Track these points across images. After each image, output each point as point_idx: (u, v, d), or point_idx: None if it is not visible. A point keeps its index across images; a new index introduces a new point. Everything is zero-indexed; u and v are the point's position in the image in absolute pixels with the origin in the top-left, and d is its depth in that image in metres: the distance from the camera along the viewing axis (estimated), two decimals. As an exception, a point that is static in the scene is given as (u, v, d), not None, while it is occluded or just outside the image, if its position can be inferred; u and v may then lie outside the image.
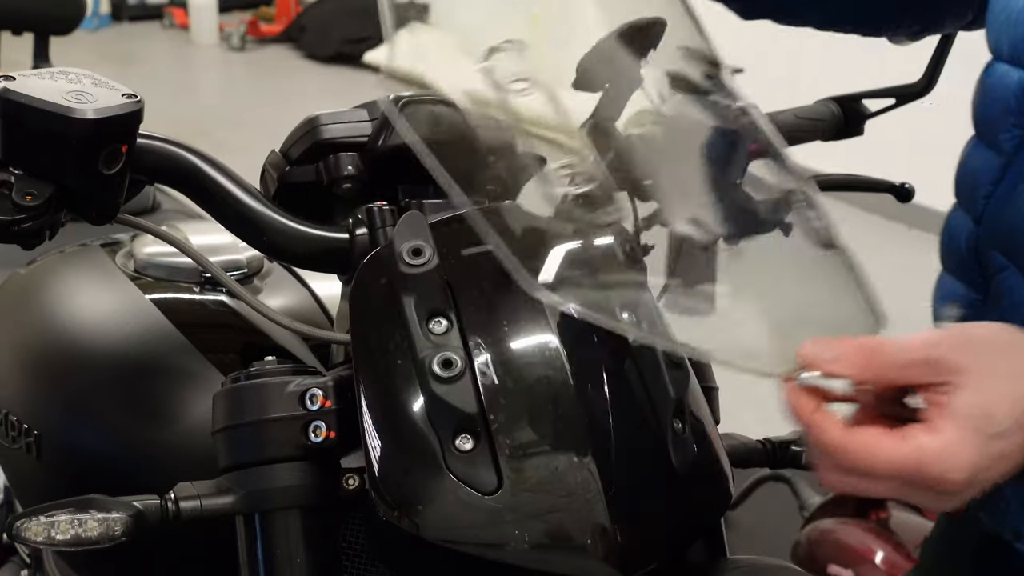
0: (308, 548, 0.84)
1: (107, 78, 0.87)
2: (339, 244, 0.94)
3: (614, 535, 0.75)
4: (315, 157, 0.97)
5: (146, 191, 1.22)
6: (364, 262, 0.89)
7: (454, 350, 0.78)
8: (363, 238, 0.94)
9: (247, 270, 1.24)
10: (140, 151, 0.90)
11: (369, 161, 0.97)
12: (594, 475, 0.76)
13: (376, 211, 0.94)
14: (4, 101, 0.80)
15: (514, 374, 0.79)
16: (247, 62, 7.71)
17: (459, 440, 0.76)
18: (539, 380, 0.79)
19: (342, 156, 0.96)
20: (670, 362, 0.81)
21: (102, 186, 0.86)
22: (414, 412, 0.77)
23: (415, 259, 0.80)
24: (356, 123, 0.97)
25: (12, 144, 0.83)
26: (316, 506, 0.85)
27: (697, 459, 0.82)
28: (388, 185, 0.99)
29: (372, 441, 0.79)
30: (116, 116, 0.83)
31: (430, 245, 0.81)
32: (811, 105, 1.25)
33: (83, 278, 1.28)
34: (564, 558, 0.75)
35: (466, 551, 0.75)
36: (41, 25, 2.20)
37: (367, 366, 0.81)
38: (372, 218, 0.94)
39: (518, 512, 0.74)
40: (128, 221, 0.95)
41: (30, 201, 0.83)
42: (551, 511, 0.75)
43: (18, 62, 1.67)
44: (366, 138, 0.97)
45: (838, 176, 1.26)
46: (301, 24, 7.85)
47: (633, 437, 0.80)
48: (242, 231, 0.95)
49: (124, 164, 0.87)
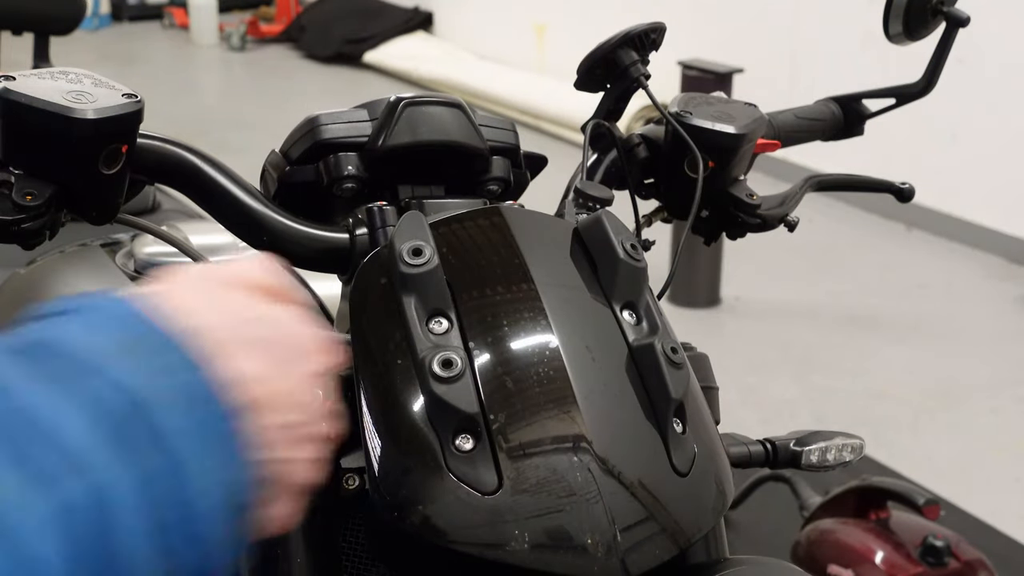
0: (308, 548, 0.84)
1: (107, 78, 0.87)
2: (339, 244, 0.94)
3: (614, 535, 0.75)
4: (315, 157, 0.97)
5: (146, 191, 1.22)
6: (364, 262, 0.89)
7: (454, 350, 0.78)
8: (363, 238, 0.94)
9: (247, 270, 1.24)
10: (140, 151, 0.90)
11: (369, 161, 0.97)
12: (594, 475, 0.76)
13: (376, 211, 0.94)
14: (4, 101, 0.80)
15: (514, 374, 0.79)
16: (247, 62, 7.71)
17: (459, 440, 0.75)
18: (539, 380, 0.79)
19: (342, 156, 0.96)
20: (670, 362, 0.81)
21: (102, 186, 0.86)
22: (414, 412, 0.77)
23: (415, 259, 0.80)
24: (356, 123, 0.97)
25: (12, 144, 0.83)
26: (316, 506, 0.85)
27: (697, 459, 0.82)
28: (388, 185, 0.99)
29: (372, 441, 0.79)
30: (116, 116, 0.83)
31: (430, 245, 0.81)
32: (811, 105, 1.25)
33: (83, 278, 1.28)
34: (564, 558, 0.75)
35: (466, 551, 0.75)
36: (41, 25, 2.20)
37: (367, 366, 0.81)
38: (372, 218, 0.94)
39: (518, 512, 0.74)
40: (128, 221, 0.95)
41: (30, 201, 0.83)
42: (551, 511, 0.75)
43: (18, 62, 1.68)
44: (366, 138, 0.97)
45: (838, 176, 1.26)
46: (301, 24, 7.85)
47: (633, 437, 0.80)
48: (242, 231, 0.95)
49: (124, 164, 0.87)
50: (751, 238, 1.18)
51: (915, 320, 3.77)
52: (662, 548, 0.78)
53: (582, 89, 1.13)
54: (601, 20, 3.14)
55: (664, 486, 0.79)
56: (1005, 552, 2.47)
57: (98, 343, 0.48)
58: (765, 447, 1.01)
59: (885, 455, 2.84)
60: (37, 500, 0.41)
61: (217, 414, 0.50)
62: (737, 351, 3.48)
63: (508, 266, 0.85)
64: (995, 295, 3.98)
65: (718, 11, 5.27)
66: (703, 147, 1.06)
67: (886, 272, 4.16)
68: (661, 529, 0.78)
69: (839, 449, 1.02)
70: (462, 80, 6.49)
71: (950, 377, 3.36)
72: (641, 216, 1.14)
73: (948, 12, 1.14)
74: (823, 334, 3.64)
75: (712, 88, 2.60)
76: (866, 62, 4.24)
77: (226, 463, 0.50)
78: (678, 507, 0.80)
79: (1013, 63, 4.19)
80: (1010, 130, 4.24)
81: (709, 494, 0.83)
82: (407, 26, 7.45)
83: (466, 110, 1.00)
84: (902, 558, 1.82)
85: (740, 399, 3.15)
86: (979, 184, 4.36)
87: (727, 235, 1.16)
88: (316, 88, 6.99)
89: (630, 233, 0.88)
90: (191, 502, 0.47)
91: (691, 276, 3.74)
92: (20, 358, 0.46)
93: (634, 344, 0.83)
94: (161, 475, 0.46)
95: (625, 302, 0.85)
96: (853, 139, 1.27)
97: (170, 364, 0.49)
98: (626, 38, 1.09)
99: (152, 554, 0.45)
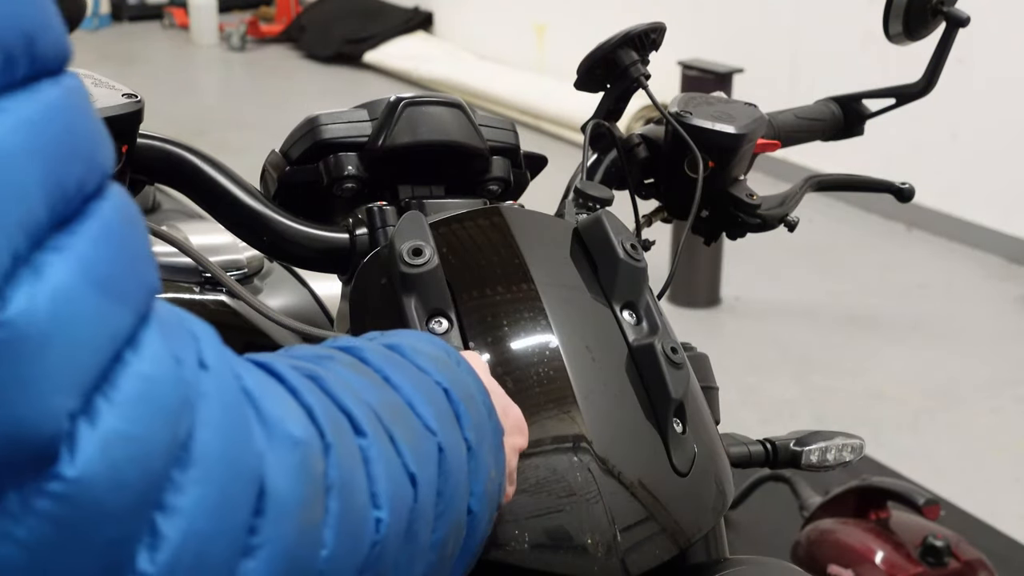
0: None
1: (107, 78, 0.87)
2: (339, 244, 0.94)
3: (614, 535, 0.75)
4: (315, 157, 0.97)
5: (146, 191, 1.22)
6: (364, 262, 0.89)
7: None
8: (363, 238, 0.94)
9: (247, 270, 1.24)
10: (140, 151, 0.90)
11: (369, 161, 0.97)
12: (594, 475, 0.76)
13: (376, 211, 0.94)
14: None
15: (515, 374, 0.79)
16: (247, 62, 7.71)
17: (459, 440, 0.76)
18: (539, 380, 0.79)
19: (342, 156, 0.96)
20: (670, 362, 0.81)
21: (102, 186, 0.86)
22: (414, 412, 0.77)
23: (415, 259, 0.80)
24: (356, 123, 0.97)
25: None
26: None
27: (697, 459, 0.82)
28: (388, 185, 0.99)
29: (372, 441, 0.79)
30: (116, 116, 0.83)
31: (430, 245, 0.81)
32: (811, 105, 1.25)
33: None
34: (564, 558, 0.75)
35: (466, 551, 0.75)
36: (41, 25, 2.20)
37: (367, 366, 0.81)
38: (372, 218, 0.94)
39: (518, 512, 0.74)
40: (128, 221, 0.95)
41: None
42: (551, 511, 0.75)
43: (18, 62, 1.67)
44: (366, 138, 0.97)
45: (838, 176, 1.26)
46: (301, 24, 7.85)
47: (633, 437, 0.80)
48: (242, 231, 0.95)
49: (124, 164, 0.87)
50: (751, 238, 1.19)
51: (915, 320, 3.77)
52: (662, 548, 0.78)
53: (582, 89, 1.13)
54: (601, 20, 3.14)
55: (664, 486, 0.79)
56: (1005, 552, 2.47)
57: (426, 352, 0.66)
58: (765, 447, 1.01)
59: (885, 455, 2.84)
60: (425, 443, 0.60)
61: (494, 425, 0.67)
62: (737, 351, 3.48)
63: (508, 266, 0.85)
64: (995, 295, 3.98)
65: (718, 11, 5.28)
66: (703, 147, 1.06)
67: (886, 272, 4.16)
68: (661, 529, 0.78)
69: (839, 449, 1.02)
70: (462, 80, 6.49)
71: (950, 377, 3.36)
72: (641, 216, 1.14)
73: (948, 12, 1.14)
74: (823, 334, 3.64)
75: (712, 88, 2.60)
76: (866, 62, 4.24)
77: (494, 459, 0.65)
78: (678, 507, 0.80)
79: (1013, 63, 4.19)
80: (1010, 130, 4.23)
81: (709, 494, 0.83)
82: (407, 26, 7.45)
83: (466, 110, 1.00)
84: (902, 558, 1.82)
85: (740, 399, 3.15)
86: (979, 184, 4.36)
87: (727, 235, 1.16)
88: (316, 88, 6.99)
89: (630, 233, 0.89)
90: (468, 479, 0.62)
91: (691, 276, 3.74)
92: (388, 360, 0.63)
93: (634, 344, 0.83)
94: (457, 449, 0.62)
95: (625, 302, 0.85)
96: (853, 139, 1.27)
97: (466, 380, 0.66)
98: (626, 38, 1.09)
99: (433, 509, 0.59)
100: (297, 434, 0.50)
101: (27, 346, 0.39)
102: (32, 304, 0.39)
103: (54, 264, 0.40)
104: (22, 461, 0.39)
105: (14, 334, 0.38)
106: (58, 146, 0.42)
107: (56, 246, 0.41)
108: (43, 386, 0.39)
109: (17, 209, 0.39)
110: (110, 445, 0.41)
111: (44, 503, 0.39)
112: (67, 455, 0.40)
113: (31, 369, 0.39)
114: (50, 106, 0.42)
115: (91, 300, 0.41)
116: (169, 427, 0.43)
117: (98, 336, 0.41)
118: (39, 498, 0.39)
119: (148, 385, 0.43)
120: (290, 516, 0.48)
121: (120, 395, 0.42)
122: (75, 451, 0.40)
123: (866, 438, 1.07)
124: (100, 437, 0.41)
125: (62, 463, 0.40)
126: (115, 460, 0.41)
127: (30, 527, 0.39)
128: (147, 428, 0.42)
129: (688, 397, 0.83)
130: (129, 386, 0.42)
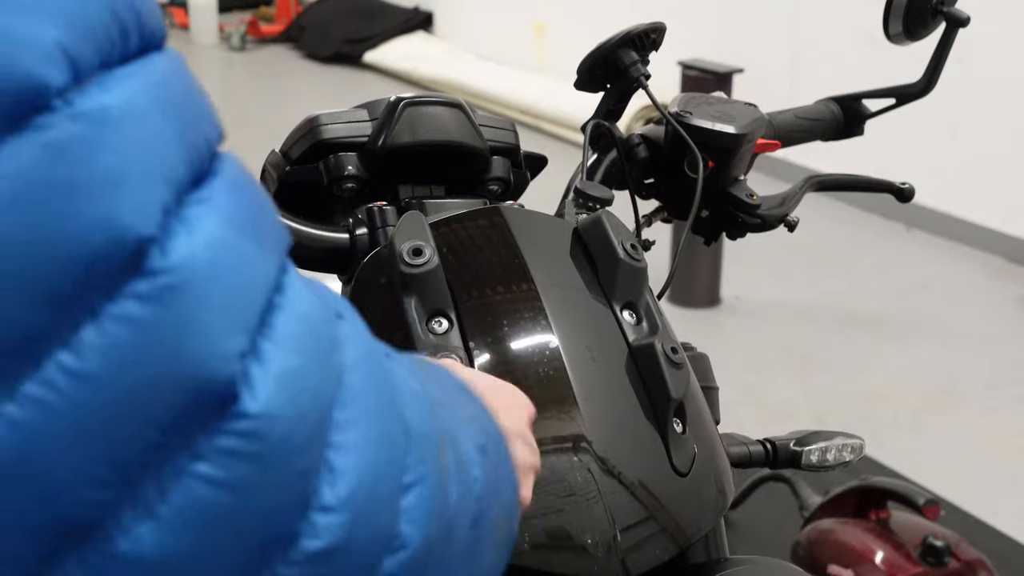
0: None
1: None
2: (339, 244, 0.94)
3: (614, 535, 0.75)
4: (315, 157, 0.97)
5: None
6: (364, 262, 0.89)
7: (454, 350, 0.78)
8: (363, 238, 0.94)
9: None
10: (140, 151, 0.90)
11: (369, 161, 0.97)
12: (594, 475, 0.76)
13: (376, 211, 0.94)
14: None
15: (515, 374, 0.79)
16: (247, 62, 7.71)
17: (459, 440, 0.76)
18: (540, 380, 0.79)
19: (342, 156, 0.96)
20: (670, 362, 0.81)
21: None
22: (414, 412, 0.77)
23: (415, 259, 0.80)
24: (356, 123, 0.98)
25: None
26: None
27: (697, 459, 0.82)
28: (388, 185, 0.99)
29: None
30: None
31: (430, 245, 0.81)
32: (811, 105, 1.26)
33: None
34: (564, 558, 0.75)
35: (466, 551, 0.75)
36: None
37: (367, 366, 0.81)
38: (372, 218, 0.94)
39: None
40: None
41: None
42: (551, 511, 0.75)
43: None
44: (366, 138, 0.97)
45: (838, 176, 1.26)
46: (301, 24, 7.85)
47: (633, 437, 0.80)
48: (242, 231, 0.95)
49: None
50: (751, 238, 1.19)
51: (915, 320, 3.77)
52: (662, 548, 0.78)
53: (582, 89, 1.13)
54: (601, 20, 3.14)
55: (664, 486, 0.79)
56: (1005, 552, 2.47)
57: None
58: (765, 447, 1.01)
59: (885, 455, 2.84)
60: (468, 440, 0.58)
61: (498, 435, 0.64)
62: (737, 351, 3.48)
63: (508, 266, 0.85)
64: (995, 295, 3.98)
65: (718, 11, 5.27)
66: (703, 147, 1.06)
67: (886, 272, 4.16)
68: (661, 529, 0.78)
69: (839, 449, 1.02)
70: (462, 80, 6.49)
71: (950, 377, 3.35)
72: (641, 216, 1.14)
73: (948, 12, 1.14)
74: (823, 334, 3.64)
75: (712, 88, 2.60)
76: (866, 62, 4.24)
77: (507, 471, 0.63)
78: (678, 507, 0.80)
79: (1013, 63, 4.19)
80: (1010, 130, 4.23)
81: (709, 494, 0.83)
82: (407, 26, 7.45)
83: (466, 110, 1.00)
84: (902, 558, 1.82)
85: (740, 399, 3.14)
86: (979, 184, 4.36)
87: (727, 235, 1.16)
88: (316, 88, 6.99)
89: (630, 233, 0.89)
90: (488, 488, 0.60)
91: (691, 276, 3.73)
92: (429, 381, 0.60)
93: (634, 344, 0.83)
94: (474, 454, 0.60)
95: (625, 302, 0.85)
96: (853, 139, 1.27)
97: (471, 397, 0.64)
98: (626, 38, 1.09)
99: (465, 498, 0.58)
100: (417, 388, 0.53)
101: (195, 291, 0.41)
102: (192, 252, 0.41)
103: (201, 216, 0.42)
104: (207, 405, 0.41)
105: (180, 279, 0.40)
106: (183, 106, 0.44)
107: (199, 199, 0.43)
108: (215, 329, 0.41)
109: (161, 165, 0.41)
110: (282, 380, 0.43)
111: (233, 442, 0.41)
112: (247, 393, 0.42)
113: (202, 314, 0.41)
114: (165, 72, 0.44)
115: (242, 247, 0.43)
116: (327, 362, 0.46)
117: (254, 279, 0.44)
118: (228, 438, 0.41)
119: (304, 323, 0.45)
120: (432, 458, 0.51)
121: (279, 334, 0.44)
122: (254, 389, 0.42)
123: (866, 438, 1.07)
124: (273, 374, 0.43)
125: (244, 401, 0.42)
126: (291, 393, 0.43)
127: (227, 467, 0.41)
128: (311, 361, 0.45)
129: (688, 397, 0.83)
130: (287, 326, 0.44)
